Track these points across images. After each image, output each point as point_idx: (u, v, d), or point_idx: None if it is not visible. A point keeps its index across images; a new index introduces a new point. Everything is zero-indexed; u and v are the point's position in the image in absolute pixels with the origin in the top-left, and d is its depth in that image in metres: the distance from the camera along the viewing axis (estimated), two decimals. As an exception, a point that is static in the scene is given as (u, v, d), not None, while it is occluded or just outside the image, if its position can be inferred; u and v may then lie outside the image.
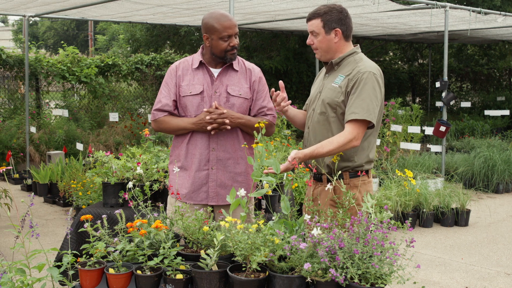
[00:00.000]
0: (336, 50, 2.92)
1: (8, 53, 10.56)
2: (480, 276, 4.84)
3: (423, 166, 8.25)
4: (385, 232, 2.13)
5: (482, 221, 6.81)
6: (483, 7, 11.48)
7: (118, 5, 8.12)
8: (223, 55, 3.07)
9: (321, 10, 2.88)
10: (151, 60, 12.33)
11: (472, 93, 17.61)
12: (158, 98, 3.18)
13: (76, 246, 3.77)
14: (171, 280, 2.21)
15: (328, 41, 2.89)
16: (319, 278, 2.07)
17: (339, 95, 2.84)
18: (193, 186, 3.13)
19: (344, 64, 2.91)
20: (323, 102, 2.90)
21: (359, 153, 2.86)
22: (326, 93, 2.91)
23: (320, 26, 2.87)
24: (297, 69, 14.20)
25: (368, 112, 2.73)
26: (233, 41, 3.05)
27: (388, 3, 7.87)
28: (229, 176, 3.14)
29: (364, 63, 2.85)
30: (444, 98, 8.47)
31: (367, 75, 2.78)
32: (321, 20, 2.86)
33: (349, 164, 2.85)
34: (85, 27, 32.39)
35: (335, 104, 2.84)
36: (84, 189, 6.64)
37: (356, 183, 2.85)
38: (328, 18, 2.86)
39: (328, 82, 2.94)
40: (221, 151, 3.11)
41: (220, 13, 3.07)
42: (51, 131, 10.05)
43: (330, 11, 2.87)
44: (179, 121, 3.12)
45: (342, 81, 2.85)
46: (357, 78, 2.79)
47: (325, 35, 2.88)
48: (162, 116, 3.15)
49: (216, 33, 3.03)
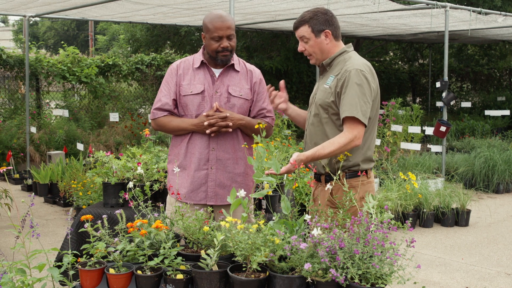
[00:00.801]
0: (328, 51, 2.92)
1: (9, 53, 10.57)
2: (480, 276, 4.84)
3: (423, 166, 8.25)
4: (385, 232, 2.13)
5: (483, 221, 6.80)
6: (483, 7, 11.48)
7: (118, 5, 8.12)
8: (215, 55, 3.07)
9: (306, 16, 2.89)
10: (151, 60, 12.34)
11: (473, 93, 17.61)
12: (158, 97, 3.18)
13: (76, 246, 3.77)
14: (171, 280, 2.21)
15: (319, 44, 2.90)
16: (319, 278, 2.07)
17: (329, 95, 2.84)
18: (192, 185, 3.12)
19: (335, 64, 2.92)
20: (316, 104, 2.91)
21: (353, 152, 2.84)
22: (319, 94, 2.92)
23: (309, 31, 2.88)
24: (297, 69, 14.20)
25: (356, 110, 2.72)
26: (224, 42, 3.03)
27: (388, 3, 7.87)
28: (228, 176, 3.14)
29: (352, 61, 2.84)
30: (445, 98, 8.47)
31: (354, 72, 2.76)
32: (309, 26, 2.88)
33: (344, 164, 2.83)
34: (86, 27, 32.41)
35: (326, 105, 2.85)
36: (84, 189, 6.64)
37: (353, 183, 2.83)
38: (315, 22, 2.87)
39: (321, 84, 2.96)
40: (221, 151, 3.11)
41: (216, 13, 3.06)
42: (52, 131, 10.06)
43: (315, 16, 2.88)
44: (179, 122, 3.12)
45: (332, 82, 2.86)
46: (344, 77, 2.78)
47: (315, 38, 2.89)
48: (162, 116, 3.14)
49: (208, 33, 3.04)
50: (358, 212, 2.34)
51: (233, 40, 3.08)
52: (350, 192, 2.46)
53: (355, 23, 10.27)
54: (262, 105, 3.22)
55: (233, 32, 3.07)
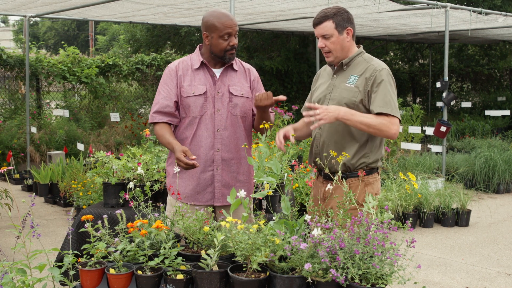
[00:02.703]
0: (348, 49, 2.96)
1: (9, 53, 10.57)
2: (480, 277, 4.84)
3: (423, 166, 8.25)
4: (385, 232, 2.13)
5: (483, 221, 6.80)
6: (483, 7, 11.48)
7: (118, 5, 8.12)
8: (222, 54, 3.05)
9: (331, 12, 2.90)
10: (151, 60, 12.34)
11: (473, 93, 17.60)
12: (157, 99, 3.12)
13: (77, 246, 3.77)
14: (171, 280, 2.21)
15: (341, 41, 2.92)
16: (319, 278, 2.08)
17: (356, 94, 2.88)
18: (198, 187, 3.11)
19: (354, 64, 2.96)
20: (339, 103, 2.90)
21: (374, 150, 2.93)
22: (341, 93, 2.93)
23: (333, 27, 2.89)
24: (298, 69, 14.20)
25: (391, 107, 2.81)
26: (233, 40, 3.03)
27: (388, 3, 7.87)
28: (233, 176, 3.14)
29: (377, 62, 2.94)
30: (445, 98, 8.47)
31: (385, 72, 2.87)
32: (333, 22, 2.89)
33: (365, 160, 2.91)
34: (86, 27, 32.41)
35: (353, 104, 2.88)
36: (84, 189, 6.64)
37: (370, 180, 2.93)
38: (339, 18, 2.89)
39: (339, 83, 2.96)
40: (225, 152, 3.11)
41: (221, 11, 3.05)
42: (52, 131, 10.06)
43: (339, 12, 2.90)
44: (166, 143, 3.01)
45: (357, 81, 2.89)
46: (374, 76, 2.86)
47: (338, 35, 2.90)
48: (158, 126, 3.07)
49: (217, 32, 3.00)
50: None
51: (237, 37, 3.09)
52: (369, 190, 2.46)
53: (356, 23, 10.25)
54: None
55: (237, 29, 3.09)
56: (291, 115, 8.47)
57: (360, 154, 2.90)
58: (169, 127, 3.10)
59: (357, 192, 2.76)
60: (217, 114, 3.09)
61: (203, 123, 3.08)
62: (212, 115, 3.08)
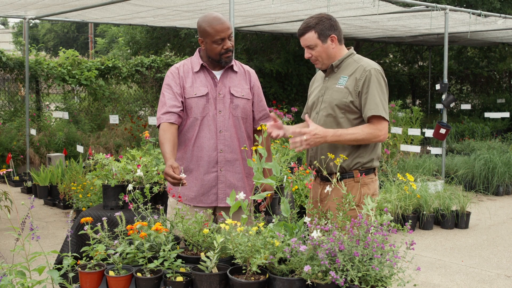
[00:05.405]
0: (334, 55, 2.98)
1: (8, 55, 10.57)
2: (480, 279, 4.84)
3: (423, 168, 8.25)
4: (385, 235, 2.13)
5: (482, 223, 6.80)
6: (482, 9, 11.48)
7: (118, 7, 8.13)
8: (218, 58, 3.06)
9: (312, 22, 2.92)
10: (151, 63, 12.34)
11: (472, 95, 17.61)
12: (162, 101, 3.07)
13: (76, 249, 3.76)
14: (171, 282, 2.21)
15: (326, 49, 2.95)
16: (319, 280, 2.07)
17: (347, 95, 2.89)
18: (202, 188, 3.11)
19: (344, 65, 2.98)
20: (330, 104, 2.93)
21: (368, 149, 2.93)
22: (332, 95, 2.95)
23: (315, 38, 2.92)
24: (297, 72, 14.21)
25: (381, 108, 2.83)
26: (227, 43, 3.02)
27: (388, 5, 7.88)
28: (238, 176, 3.14)
29: (366, 62, 2.95)
30: (444, 100, 8.47)
31: (373, 72, 2.87)
32: (315, 32, 2.92)
33: (360, 160, 2.91)
34: (86, 29, 32.44)
35: (343, 105, 2.89)
36: (84, 191, 6.64)
37: (367, 180, 2.93)
38: (321, 27, 2.91)
39: (331, 85, 2.99)
40: (229, 153, 3.11)
41: (213, 16, 3.03)
42: (51, 133, 10.06)
43: (320, 21, 2.92)
44: (164, 152, 2.93)
45: (347, 82, 2.91)
46: (364, 76, 2.87)
47: (322, 44, 2.94)
48: (162, 128, 3.00)
49: (209, 37, 3.01)
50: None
51: (232, 39, 3.09)
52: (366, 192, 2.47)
53: (355, 25, 10.28)
54: (263, 106, 3.27)
55: (232, 31, 3.08)
56: (290, 117, 8.46)
57: (354, 154, 2.91)
58: (173, 131, 3.00)
59: (353, 193, 2.77)
60: (219, 116, 3.09)
61: (205, 125, 3.08)
62: (214, 116, 3.09)
